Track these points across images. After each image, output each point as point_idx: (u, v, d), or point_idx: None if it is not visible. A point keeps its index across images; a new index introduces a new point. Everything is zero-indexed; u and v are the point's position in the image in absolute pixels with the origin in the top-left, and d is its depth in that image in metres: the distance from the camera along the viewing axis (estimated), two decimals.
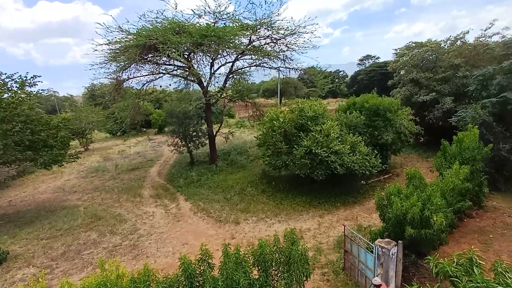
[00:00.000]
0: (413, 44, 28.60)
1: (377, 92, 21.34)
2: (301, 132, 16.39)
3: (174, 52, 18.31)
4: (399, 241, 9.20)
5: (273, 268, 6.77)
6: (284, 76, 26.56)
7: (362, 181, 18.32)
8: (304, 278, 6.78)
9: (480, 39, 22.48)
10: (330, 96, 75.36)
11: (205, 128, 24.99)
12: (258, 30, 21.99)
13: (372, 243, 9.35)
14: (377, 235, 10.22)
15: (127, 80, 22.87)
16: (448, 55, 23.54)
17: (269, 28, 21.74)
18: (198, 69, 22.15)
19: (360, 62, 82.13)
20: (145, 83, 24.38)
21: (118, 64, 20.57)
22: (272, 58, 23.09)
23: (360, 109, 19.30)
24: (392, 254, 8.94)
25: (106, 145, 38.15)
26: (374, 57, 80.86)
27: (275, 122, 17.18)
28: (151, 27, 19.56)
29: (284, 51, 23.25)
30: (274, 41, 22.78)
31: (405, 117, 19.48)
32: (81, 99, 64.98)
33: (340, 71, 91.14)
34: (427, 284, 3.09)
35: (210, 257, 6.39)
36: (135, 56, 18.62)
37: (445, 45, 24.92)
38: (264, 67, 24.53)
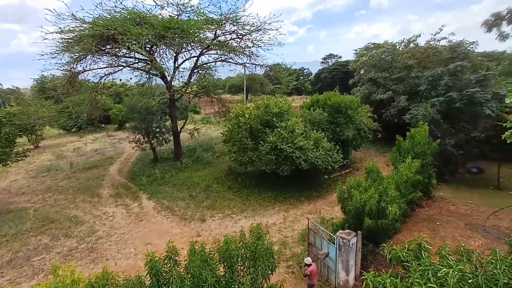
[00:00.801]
0: (372, 45, 30.23)
1: (339, 90, 22.24)
2: (266, 128, 16.55)
3: (135, 44, 17.42)
4: (358, 231, 9.72)
5: (239, 264, 6.78)
6: (250, 72, 26.60)
7: (325, 176, 19.02)
8: (270, 272, 6.88)
9: (430, 43, 24.36)
10: (295, 93, 77.06)
11: (169, 124, 24.22)
12: (223, 25, 21.70)
13: (334, 234, 9.78)
14: (339, 227, 10.70)
15: (83, 72, 21.32)
16: (402, 57, 25.21)
17: (234, 24, 21.56)
18: (161, 63, 21.35)
19: (323, 61, 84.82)
20: (103, 76, 22.93)
21: (72, 55, 19.06)
22: (237, 53, 22.96)
23: (323, 106, 19.97)
24: (352, 244, 9.42)
25: (60, 142, 35.36)
26: (337, 56, 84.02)
27: (241, 118, 17.15)
28: (109, 16, 18.39)
29: (249, 47, 23.25)
30: (240, 36, 22.65)
31: (364, 114, 20.54)
32: (30, 92, 59.35)
33: (305, 69, 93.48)
34: (383, 270, 3.30)
35: (176, 254, 6.24)
36: (91, 47, 17.37)
37: (399, 47, 26.65)
38: (230, 62, 24.33)
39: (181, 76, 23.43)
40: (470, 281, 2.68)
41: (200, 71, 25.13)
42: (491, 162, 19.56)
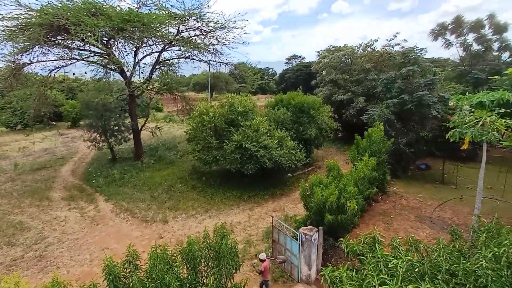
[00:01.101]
0: (333, 48, 31.48)
1: (302, 91, 22.86)
2: (231, 127, 16.47)
3: (90, 36, 16.28)
4: (320, 227, 10.08)
5: (203, 265, 6.67)
6: (215, 70, 26.25)
7: (289, 174, 19.45)
8: (234, 271, 6.86)
9: (386, 48, 26.01)
10: (260, 92, 77.64)
11: (128, 122, 23.07)
12: (187, 21, 21.16)
13: (297, 231, 10.04)
14: (301, 223, 11.00)
15: (29, 64, 19.43)
16: (360, 60, 26.61)
17: (198, 20, 21.12)
18: (120, 57, 20.21)
19: (287, 61, 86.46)
20: (53, 69, 21.10)
21: (16, 45, 17.29)
22: (201, 51, 22.54)
23: (287, 106, 20.38)
24: (314, 240, 9.74)
25: (2, 141, 31.97)
26: (300, 57, 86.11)
27: (205, 116, 16.88)
28: (60, 5, 16.98)
29: (214, 45, 22.95)
30: (204, 33, 22.27)
31: (326, 114, 21.33)
32: None
33: (270, 69, 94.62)
34: (341, 264, 3.46)
35: (137, 258, 5.96)
36: (39, 37, 15.89)
37: (358, 51, 28.09)
38: (194, 59, 23.80)
39: (142, 72, 22.38)
40: (416, 270, 2.91)
41: (162, 68, 24.26)
42: (437, 159, 21.41)
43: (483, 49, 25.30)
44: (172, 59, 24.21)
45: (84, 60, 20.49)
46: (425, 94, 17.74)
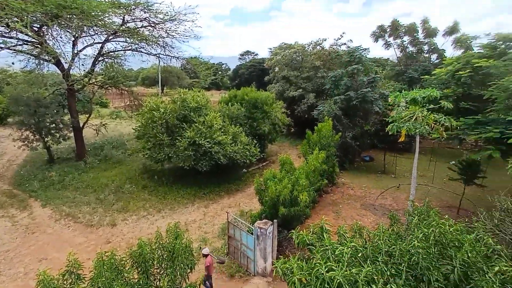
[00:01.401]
0: (284, 45, 32.25)
1: (256, 87, 23.07)
2: (184, 123, 15.98)
3: (18, 22, 14.38)
4: (274, 220, 10.33)
5: (155, 267, 6.38)
6: (165, 64, 25.13)
7: (244, 170, 19.56)
8: (189, 271, 6.68)
9: (333, 47, 27.40)
10: (213, 88, 76.44)
11: (68, 118, 21.01)
12: (133, 11, 19.85)
13: (252, 225, 10.16)
14: (256, 218, 11.15)
15: None
16: (310, 58, 27.69)
17: (146, 10, 19.95)
18: (55, 47, 18.23)
19: (241, 57, 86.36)
20: None
21: None
22: (150, 43, 21.37)
23: (241, 101, 20.40)
24: (269, 233, 9.95)
25: None
26: (253, 53, 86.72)
27: (155, 112, 16.10)
28: None
29: (163, 37, 21.89)
30: (152, 25, 21.12)
31: (279, 110, 21.83)
32: None
33: (223, 64, 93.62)
34: (292, 255, 3.58)
35: (79, 267, 5.45)
36: None
37: (308, 48, 29.16)
38: (142, 52, 22.45)
39: (82, 64, 20.43)
40: (360, 254, 3.13)
41: (106, 60, 22.46)
42: (379, 151, 23.35)
43: (416, 51, 28.08)
44: (117, 51, 22.57)
45: (11, 49, 18.04)
46: (368, 91, 19.13)
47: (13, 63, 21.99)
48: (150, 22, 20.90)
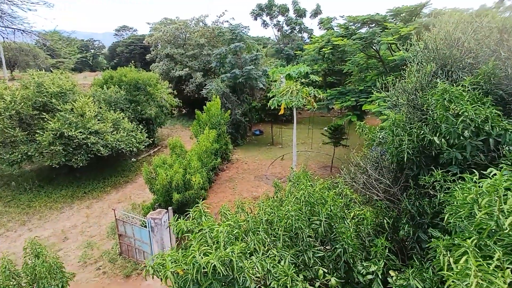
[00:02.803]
0: (166, 21, 29.94)
1: (140, 66, 20.83)
2: (44, 113, 13.06)
3: None
4: (169, 207, 9.84)
5: None
6: (8, 40, 19.67)
7: (132, 159, 17.83)
8: None
9: (216, 24, 27.07)
10: (87, 69, 65.55)
11: None
12: None
13: (145, 218, 9.40)
14: (150, 208, 10.41)
15: None
16: (194, 35, 26.66)
17: None
18: None
19: (117, 33, 76.30)
20: None
21: None
22: None
23: (119, 83, 18.08)
24: (164, 222, 9.42)
25: None
26: (132, 29, 77.81)
27: None
28: None
29: None
30: None
31: (164, 91, 20.45)
32: None
33: (95, 41, 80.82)
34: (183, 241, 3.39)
35: None
36: None
37: (191, 25, 27.94)
38: None
39: None
40: (236, 230, 3.18)
41: None
42: (267, 124, 25.16)
43: (290, 30, 30.73)
44: None
45: None
46: (252, 68, 19.93)
47: None
48: None
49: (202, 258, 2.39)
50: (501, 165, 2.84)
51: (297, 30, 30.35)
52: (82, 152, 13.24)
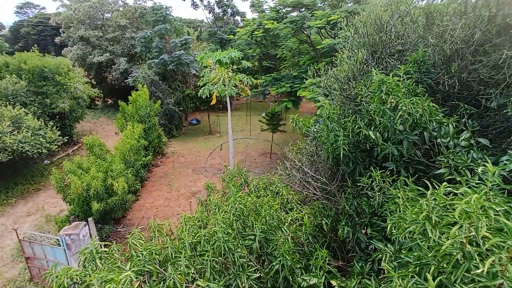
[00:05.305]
0: None
1: (50, 51, 17.48)
2: None
3: None
4: (89, 219, 8.45)
5: None
6: None
7: (45, 161, 15.22)
8: None
9: (138, 3, 24.30)
10: None
11: None
12: None
13: (58, 234, 7.89)
14: (65, 222, 8.83)
15: None
16: (114, 14, 23.57)
17: None
18: None
19: (19, 11, 64.30)
20: None
21: None
22: None
23: (17, 72, 14.94)
24: (83, 236, 8.05)
25: None
26: (39, 6, 66.34)
27: None
28: None
29: None
30: None
31: (79, 80, 17.69)
32: None
33: None
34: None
35: None
36: None
37: (110, 2, 24.59)
38: None
39: None
40: (142, 266, 2.49)
41: None
42: (204, 113, 23.99)
43: (222, 13, 29.33)
44: None
45: None
46: (182, 53, 18.42)
47: None
48: None
49: None
50: (442, 168, 2.63)
51: (230, 13, 29.13)
52: None
